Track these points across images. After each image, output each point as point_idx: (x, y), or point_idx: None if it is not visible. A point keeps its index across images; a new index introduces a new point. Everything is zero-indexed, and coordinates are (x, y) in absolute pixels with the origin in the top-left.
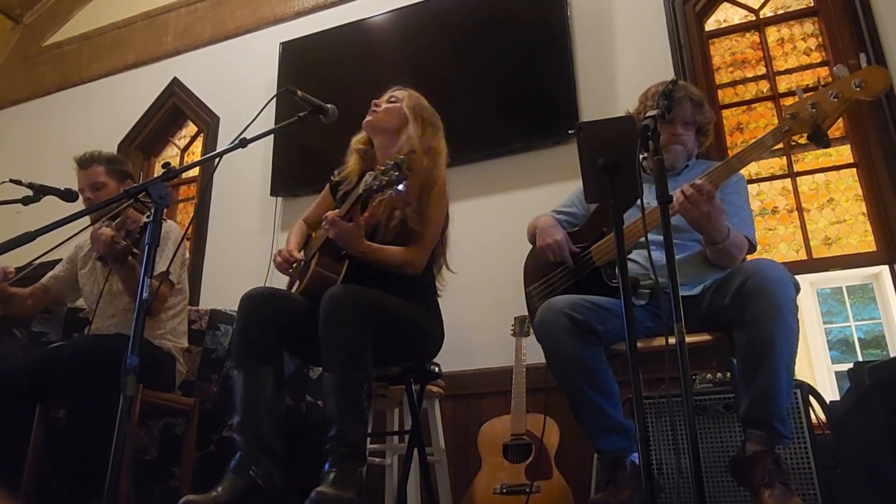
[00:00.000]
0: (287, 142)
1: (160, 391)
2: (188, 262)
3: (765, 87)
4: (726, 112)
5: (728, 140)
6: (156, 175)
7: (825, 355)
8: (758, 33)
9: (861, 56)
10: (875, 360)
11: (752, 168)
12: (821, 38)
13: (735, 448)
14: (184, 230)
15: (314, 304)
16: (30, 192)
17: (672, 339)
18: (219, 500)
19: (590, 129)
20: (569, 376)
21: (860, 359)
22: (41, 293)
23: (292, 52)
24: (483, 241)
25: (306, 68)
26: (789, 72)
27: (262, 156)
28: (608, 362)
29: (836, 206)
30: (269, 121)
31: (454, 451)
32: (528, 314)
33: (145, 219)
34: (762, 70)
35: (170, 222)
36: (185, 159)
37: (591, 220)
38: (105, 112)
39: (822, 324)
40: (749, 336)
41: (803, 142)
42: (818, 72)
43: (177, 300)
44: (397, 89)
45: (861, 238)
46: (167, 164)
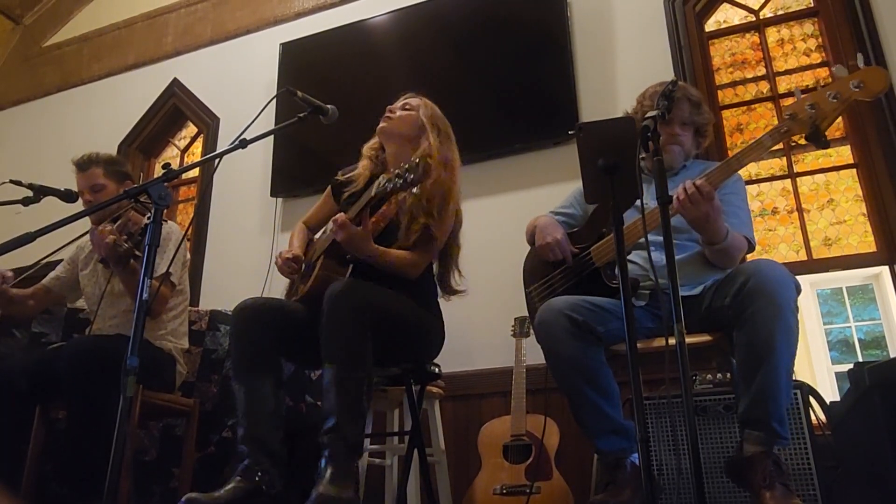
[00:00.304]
0: (287, 142)
1: (160, 392)
2: (189, 263)
3: (765, 87)
4: (726, 113)
5: (728, 141)
6: (156, 176)
7: (825, 356)
8: (758, 34)
9: (858, 56)
10: (875, 361)
11: (752, 169)
12: (821, 39)
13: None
14: (184, 231)
15: (310, 309)
16: (30, 193)
17: (672, 340)
18: (221, 501)
19: (590, 130)
20: (569, 377)
21: (860, 359)
22: (42, 294)
23: (292, 53)
24: (483, 242)
25: (306, 69)
26: (789, 72)
27: (262, 156)
28: (608, 363)
29: (837, 206)
30: (269, 121)
31: (454, 451)
32: (529, 315)
33: (146, 220)
34: (762, 71)
35: (170, 223)
36: (186, 160)
37: (590, 221)
38: (105, 113)
39: (823, 324)
40: (749, 336)
41: (803, 143)
42: (818, 72)
43: (177, 301)
44: (411, 96)
45: (861, 239)
46: (167, 165)
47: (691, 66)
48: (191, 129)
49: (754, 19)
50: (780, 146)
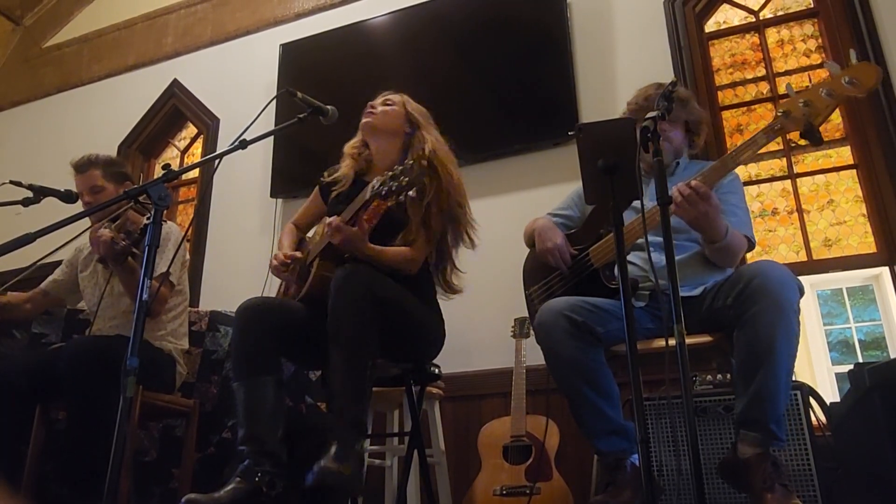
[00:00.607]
0: (287, 143)
1: (160, 392)
2: (188, 264)
3: (765, 88)
4: (726, 113)
5: (728, 141)
6: (156, 177)
7: (825, 357)
8: (757, 35)
9: (851, 52)
10: (875, 362)
11: (752, 169)
12: (821, 40)
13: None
14: (184, 231)
15: (311, 309)
16: (30, 194)
17: (672, 341)
18: (221, 502)
19: (590, 131)
20: (568, 378)
21: (860, 360)
22: (40, 297)
23: (292, 54)
24: (483, 243)
25: (306, 70)
26: (789, 73)
27: (262, 157)
28: (608, 364)
29: (837, 207)
30: (269, 122)
31: (454, 452)
32: (529, 317)
33: (145, 220)
34: (762, 71)
35: (170, 223)
36: (185, 161)
37: (589, 223)
38: (105, 113)
39: (823, 325)
40: (749, 336)
41: (803, 143)
42: (818, 73)
43: (177, 301)
44: (390, 93)
45: (861, 239)
46: (167, 166)
47: (691, 67)
48: (191, 130)
49: (754, 20)
50: (781, 147)
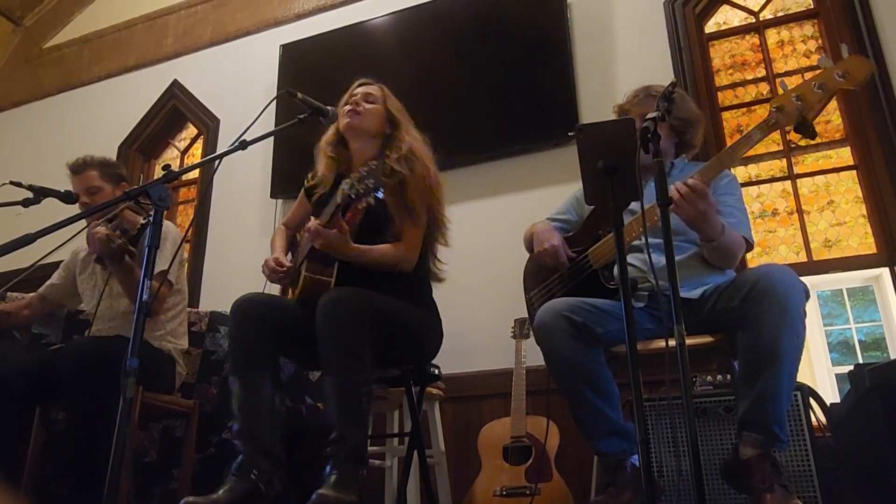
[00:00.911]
0: (287, 144)
1: (160, 393)
2: (188, 264)
3: (765, 89)
4: (726, 114)
5: (728, 142)
6: (156, 177)
7: (825, 357)
8: (758, 35)
9: (843, 46)
10: (875, 363)
11: (753, 170)
12: (821, 41)
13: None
14: (184, 232)
15: (309, 309)
16: (30, 195)
17: (672, 342)
18: (219, 503)
19: (589, 132)
20: (568, 379)
21: (860, 361)
22: (38, 302)
23: (292, 55)
24: (483, 244)
25: (306, 70)
26: (789, 74)
27: (262, 158)
28: (608, 364)
29: (837, 208)
30: (269, 123)
31: (454, 453)
32: (529, 319)
33: (142, 220)
34: (762, 72)
35: (167, 223)
36: (186, 161)
37: (587, 224)
38: (105, 114)
39: (823, 326)
40: (754, 338)
41: (803, 144)
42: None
43: (176, 300)
44: (368, 84)
45: (861, 240)
46: (167, 167)
47: (691, 68)
48: (191, 131)
49: (754, 21)
50: (781, 147)
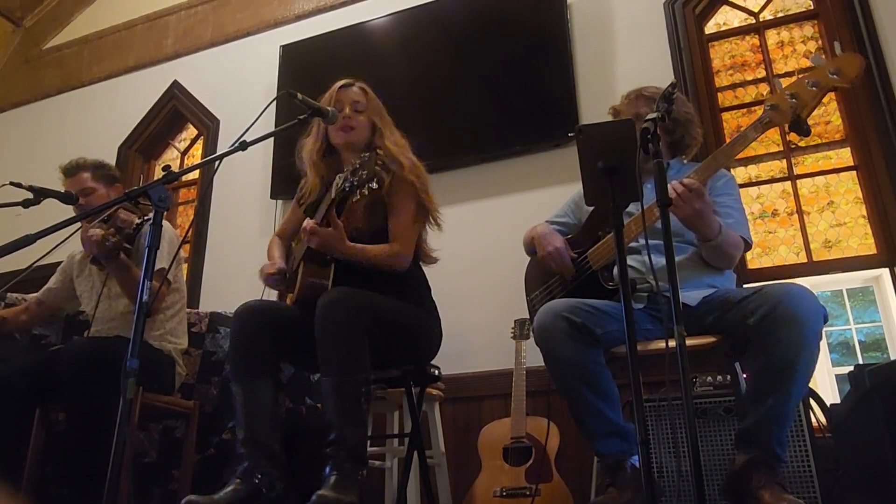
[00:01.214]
0: (287, 145)
1: (160, 394)
2: (187, 264)
3: (765, 90)
4: (726, 115)
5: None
6: (156, 178)
7: (825, 358)
8: (757, 36)
9: (836, 44)
10: (875, 363)
11: (752, 171)
12: (821, 41)
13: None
14: (184, 233)
15: (308, 312)
16: (30, 195)
17: (672, 342)
18: (221, 503)
19: (589, 132)
20: (568, 379)
21: (860, 361)
22: (35, 307)
23: (292, 55)
24: (483, 244)
25: (306, 71)
26: (789, 74)
27: (262, 159)
28: (608, 365)
29: (837, 208)
30: (269, 124)
31: (454, 453)
32: (531, 321)
33: (137, 220)
34: (762, 73)
35: (164, 222)
36: (186, 162)
37: (586, 226)
38: (105, 115)
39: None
40: (770, 358)
41: (803, 144)
42: None
43: (174, 299)
44: (350, 86)
45: (861, 241)
46: (167, 167)
47: (691, 69)
48: (191, 132)
49: (754, 21)
50: (781, 148)
